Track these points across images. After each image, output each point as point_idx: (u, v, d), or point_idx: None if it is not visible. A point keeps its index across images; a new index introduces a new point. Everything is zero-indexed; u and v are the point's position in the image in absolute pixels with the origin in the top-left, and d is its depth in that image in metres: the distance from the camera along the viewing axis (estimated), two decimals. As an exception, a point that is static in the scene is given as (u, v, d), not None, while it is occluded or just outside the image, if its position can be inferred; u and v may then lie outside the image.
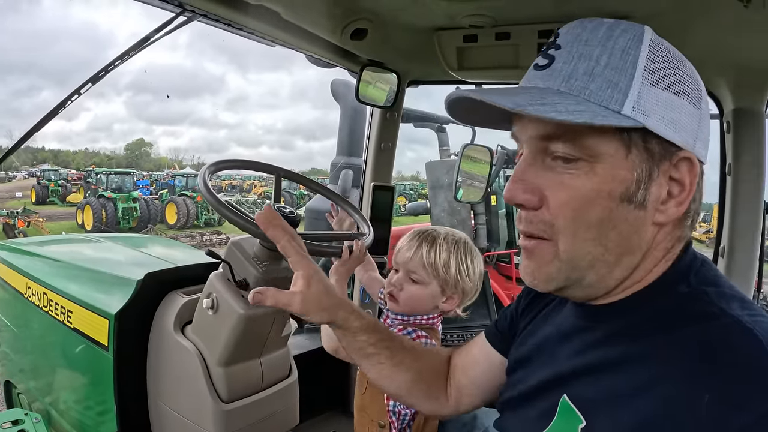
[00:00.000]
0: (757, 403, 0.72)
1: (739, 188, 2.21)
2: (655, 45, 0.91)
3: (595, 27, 0.93)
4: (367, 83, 2.67)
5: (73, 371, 2.51)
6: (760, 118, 2.17)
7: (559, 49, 0.94)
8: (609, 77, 0.89)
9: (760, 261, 2.28)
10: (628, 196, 0.90)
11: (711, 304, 0.86)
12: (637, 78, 0.88)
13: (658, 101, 0.88)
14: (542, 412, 1.01)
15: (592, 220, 0.91)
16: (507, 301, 7.84)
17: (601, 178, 0.89)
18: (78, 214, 28.01)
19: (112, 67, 1.93)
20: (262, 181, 54.87)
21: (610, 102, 0.88)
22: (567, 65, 0.92)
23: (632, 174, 0.89)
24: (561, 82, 0.91)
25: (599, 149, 0.89)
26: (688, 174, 0.91)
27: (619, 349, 0.91)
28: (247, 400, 2.08)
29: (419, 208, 14.26)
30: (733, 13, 1.65)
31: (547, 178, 0.93)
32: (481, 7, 1.98)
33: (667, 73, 0.90)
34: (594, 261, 0.93)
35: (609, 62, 0.89)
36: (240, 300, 1.93)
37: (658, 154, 0.90)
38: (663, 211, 0.92)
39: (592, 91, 0.89)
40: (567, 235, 0.92)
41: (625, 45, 0.90)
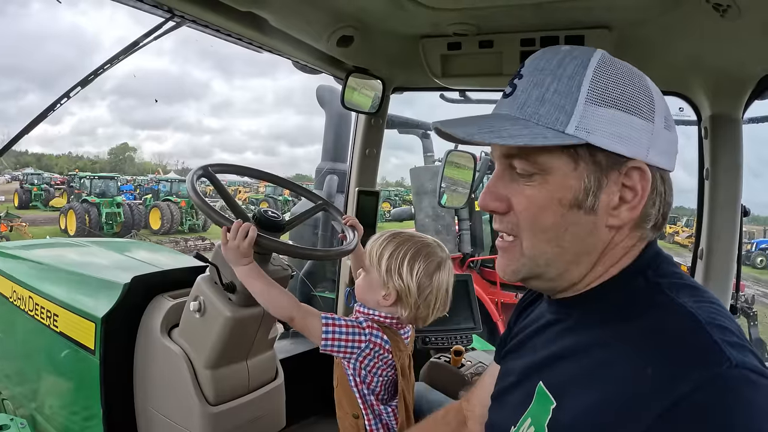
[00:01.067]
0: (695, 373, 0.81)
1: (716, 192, 2.26)
2: (603, 68, 1.00)
3: (552, 56, 1.05)
4: (353, 89, 2.70)
5: (59, 375, 2.49)
6: (737, 124, 2.21)
7: (521, 79, 1.07)
8: (556, 102, 1.00)
9: (738, 263, 2.32)
10: (578, 203, 1.01)
11: (662, 293, 0.98)
12: (581, 100, 0.98)
13: (603, 118, 0.98)
14: (522, 399, 1.11)
15: (546, 224, 1.03)
16: (491, 305, 7.89)
17: (553, 187, 1.02)
18: (61, 218, 27.61)
19: (102, 70, 1.94)
20: (247, 187, 54.68)
21: (556, 123, 0.99)
22: (524, 93, 1.04)
23: (580, 183, 1.00)
24: (517, 108, 1.04)
25: (549, 164, 1.01)
26: (639, 182, 1.01)
27: (582, 337, 1.04)
28: (233, 402, 2.09)
29: (404, 213, 14.26)
30: (711, 22, 1.69)
31: (511, 188, 1.07)
32: (465, 15, 2.01)
33: (613, 93, 0.99)
34: (551, 259, 1.06)
35: (557, 88, 1.01)
36: (227, 303, 1.94)
37: (606, 165, 1.00)
38: (615, 216, 1.02)
39: (541, 115, 1.01)
40: (528, 236, 1.06)
41: (573, 71, 1.00)
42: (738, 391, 0.79)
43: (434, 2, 1.91)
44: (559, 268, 1.07)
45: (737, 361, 0.81)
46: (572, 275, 1.07)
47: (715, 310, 0.92)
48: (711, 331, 0.86)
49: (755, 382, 0.81)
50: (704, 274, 2.30)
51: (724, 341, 0.84)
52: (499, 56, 2.23)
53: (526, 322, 1.33)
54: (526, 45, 2.14)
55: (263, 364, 2.22)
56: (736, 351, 0.83)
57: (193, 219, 30.29)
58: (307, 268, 4.42)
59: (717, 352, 0.83)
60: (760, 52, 1.87)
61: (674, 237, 38.94)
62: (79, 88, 1.96)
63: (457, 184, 3.49)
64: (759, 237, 39.01)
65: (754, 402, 0.79)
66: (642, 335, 0.91)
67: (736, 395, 0.79)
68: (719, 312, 0.92)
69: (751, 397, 0.79)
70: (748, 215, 2.29)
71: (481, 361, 2.64)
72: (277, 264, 2.07)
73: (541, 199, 1.02)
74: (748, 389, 0.80)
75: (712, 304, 0.94)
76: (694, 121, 2.34)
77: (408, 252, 1.89)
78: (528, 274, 1.10)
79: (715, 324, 0.88)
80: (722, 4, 1.56)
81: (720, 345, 0.83)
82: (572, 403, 0.96)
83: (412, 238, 1.94)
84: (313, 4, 1.98)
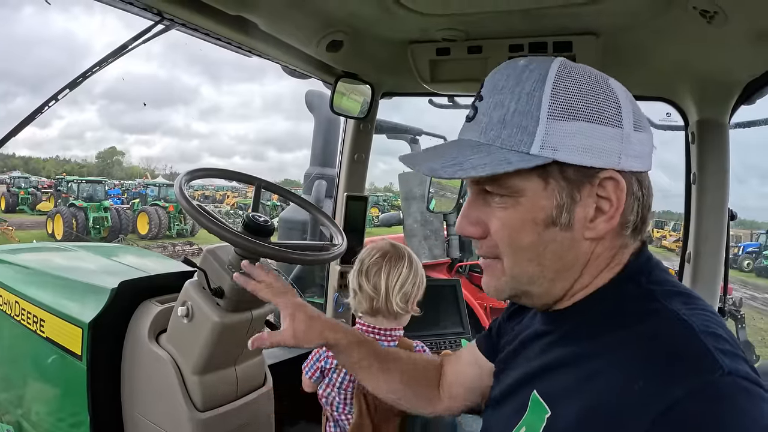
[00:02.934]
0: (687, 381, 0.81)
1: (703, 197, 2.27)
2: (562, 79, 0.97)
3: (510, 72, 1.02)
4: (342, 94, 2.70)
5: (46, 382, 2.47)
6: (723, 129, 2.23)
7: (482, 101, 1.05)
8: (518, 122, 0.98)
9: (726, 266, 2.34)
10: (552, 221, 1.00)
11: (655, 301, 0.97)
12: (542, 117, 0.96)
13: (567, 133, 0.95)
14: (517, 408, 1.10)
15: (524, 244, 1.03)
16: (480, 310, 7.89)
17: (525, 208, 1.01)
18: (48, 223, 27.42)
19: (90, 73, 1.94)
20: (235, 192, 54.63)
21: (520, 145, 0.97)
22: (485, 116, 1.03)
23: (552, 201, 0.99)
24: (479, 134, 1.03)
25: (519, 186, 1.00)
26: (614, 191, 0.99)
27: (575, 346, 1.02)
28: (222, 408, 2.08)
29: (392, 219, 14.28)
30: (698, 28, 1.70)
31: (485, 212, 1.07)
32: (453, 21, 2.02)
33: (575, 105, 0.96)
34: (533, 278, 1.06)
35: (517, 108, 0.98)
36: (215, 308, 1.93)
37: (577, 179, 0.99)
38: (592, 228, 1.01)
39: (503, 138, 0.99)
40: (508, 257, 1.06)
41: (531, 88, 0.97)
42: (730, 399, 0.79)
43: (423, 8, 1.91)
44: (542, 285, 1.07)
45: (730, 369, 0.81)
46: (556, 290, 1.07)
47: (708, 317, 0.92)
48: (704, 339, 0.86)
49: (747, 390, 0.81)
50: (692, 278, 2.32)
51: (717, 349, 0.84)
52: (487, 62, 2.24)
53: (518, 328, 1.33)
54: (514, 51, 2.15)
55: (252, 370, 2.21)
56: (729, 359, 0.83)
57: (182, 224, 30.15)
58: (296, 273, 4.42)
59: (710, 360, 0.82)
60: (747, 58, 1.88)
61: (662, 241, 39.27)
62: (67, 91, 1.95)
63: (445, 190, 3.50)
64: (746, 240, 39.40)
65: (746, 410, 0.79)
66: (635, 343, 0.91)
67: (728, 403, 0.79)
68: (712, 320, 0.92)
69: (743, 405, 0.79)
70: (735, 219, 2.31)
71: (471, 366, 2.64)
72: (266, 269, 2.06)
73: (515, 220, 1.02)
74: (740, 397, 0.80)
75: (705, 312, 0.94)
76: (681, 126, 2.36)
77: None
78: (512, 293, 1.11)
79: (709, 332, 0.88)
80: (709, 11, 1.57)
81: (713, 353, 0.83)
82: (567, 411, 0.95)
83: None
84: (303, 8, 1.98)
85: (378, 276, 2.06)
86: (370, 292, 2.07)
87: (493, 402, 1.29)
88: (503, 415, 1.17)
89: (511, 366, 1.26)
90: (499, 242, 1.05)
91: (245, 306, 1.99)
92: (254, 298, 1.93)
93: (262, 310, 2.07)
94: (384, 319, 2.10)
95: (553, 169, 0.98)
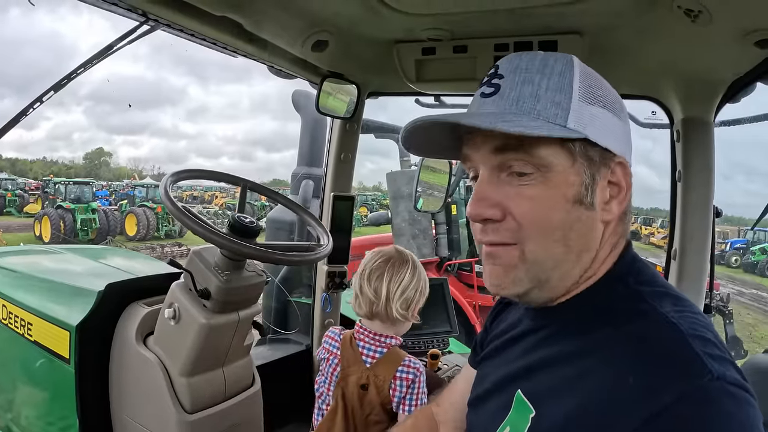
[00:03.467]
0: (676, 385, 0.81)
1: (689, 194, 2.29)
2: (583, 69, 1.03)
3: (530, 58, 1.03)
4: (328, 94, 2.69)
5: (34, 385, 2.46)
6: (708, 127, 2.24)
7: (503, 78, 1.04)
8: (551, 97, 0.99)
9: (712, 263, 2.35)
10: (579, 199, 1.00)
11: (644, 302, 0.96)
12: (575, 97, 0.99)
13: (593, 115, 0.99)
14: (500, 407, 1.09)
15: (554, 223, 0.99)
16: (468, 308, 7.95)
17: (555, 184, 0.99)
18: (36, 225, 27.19)
19: (75, 75, 1.92)
20: (223, 192, 54.46)
21: (556, 118, 0.98)
22: (513, 91, 1.01)
23: (580, 179, 0.99)
24: (511, 104, 1.00)
25: (549, 159, 0.98)
26: (623, 177, 1.04)
27: (561, 346, 1.02)
28: (210, 410, 2.08)
29: (381, 218, 14.33)
30: (683, 28, 1.71)
31: (505, 192, 1.01)
32: (439, 20, 2.02)
33: (597, 92, 1.02)
34: (558, 261, 1.02)
35: (549, 85, 1.00)
36: (202, 309, 1.93)
37: (598, 160, 1.01)
38: (608, 211, 1.03)
39: (539, 110, 0.98)
40: (534, 239, 1.00)
41: (561, 69, 1.01)
42: (718, 404, 0.80)
43: (408, 7, 1.91)
44: (564, 270, 1.03)
45: (718, 373, 0.81)
46: (570, 279, 1.04)
47: (697, 320, 0.92)
48: (693, 343, 0.86)
49: (735, 395, 0.81)
50: (678, 274, 2.33)
51: (705, 353, 0.84)
52: (473, 61, 2.24)
53: (503, 327, 1.32)
54: (499, 50, 2.15)
55: (240, 371, 2.20)
56: (718, 363, 0.83)
57: (170, 225, 29.95)
58: (283, 273, 4.41)
59: (698, 364, 0.83)
60: (731, 57, 1.89)
61: (650, 238, 39.52)
62: (52, 93, 1.94)
63: (433, 188, 3.50)
64: (734, 237, 39.68)
65: (734, 415, 0.79)
66: (624, 344, 0.90)
67: (716, 408, 0.79)
68: (701, 323, 0.92)
69: (731, 409, 0.79)
70: (721, 216, 2.33)
71: (458, 365, 2.66)
72: (252, 270, 2.06)
73: (546, 197, 0.99)
74: (728, 402, 0.80)
75: (693, 315, 0.94)
76: (667, 124, 2.37)
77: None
78: (531, 284, 1.04)
79: (697, 335, 0.88)
80: (693, 10, 1.58)
81: (701, 357, 0.83)
82: (552, 412, 0.95)
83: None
84: (288, 8, 1.97)
85: (380, 281, 2.05)
86: (370, 296, 2.05)
87: (476, 401, 1.28)
88: (486, 415, 1.17)
89: (494, 365, 1.25)
90: (526, 223, 1.00)
91: (232, 307, 1.99)
92: (241, 298, 1.93)
93: (249, 311, 2.07)
94: (381, 324, 2.09)
95: (580, 147, 0.99)
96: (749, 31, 1.64)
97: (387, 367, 2.04)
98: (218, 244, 1.81)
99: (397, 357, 2.08)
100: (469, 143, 1.07)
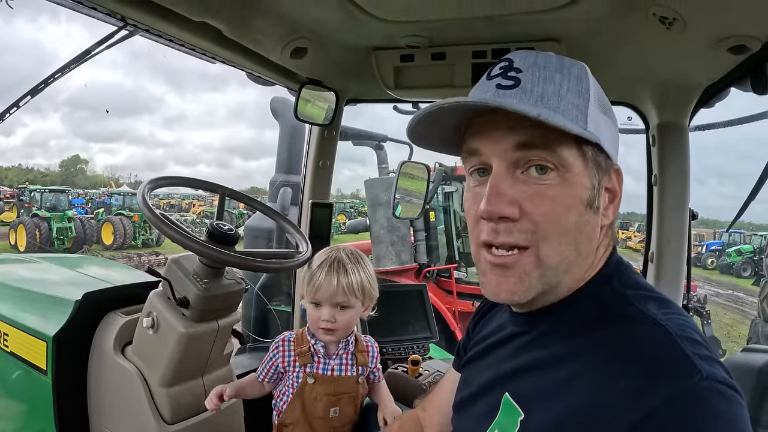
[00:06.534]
0: (666, 386, 0.82)
1: (665, 198, 2.32)
2: (592, 76, 1.04)
3: (546, 56, 1.04)
4: (306, 101, 2.68)
5: (11, 398, 2.40)
6: (683, 131, 2.28)
7: (521, 72, 1.01)
8: (572, 100, 0.99)
9: (688, 265, 2.38)
10: (590, 202, 1.01)
11: (630, 305, 0.98)
12: (592, 102, 1.00)
13: (602, 122, 1.02)
14: (487, 410, 1.10)
15: (570, 225, 0.99)
16: (448, 314, 7.97)
17: (573, 186, 0.99)
18: (11, 233, 26.75)
19: (52, 80, 1.91)
20: (201, 200, 54.11)
21: (577, 120, 0.98)
22: (536, 86, 0.99)
23: (591, 182, 1.01)
24: (535, 100, 0.98)
25: (569, 160, 0.98)
26: (618, 183, 1.07)
27: (549, 349, 1.02)
28: (191, 420, 2.06)
29: (359, 225, 14.28)
30: (658, 35, 1.74)
31: (522, 190, 0.98)
32: (417, 27, 2.03)
33: (604, 101, 1.04)
34: (570, 264, 1.02)
35: (569, 87, 1.00)
36: (181, 318, 1.92)
37: (603, 166, 1.03)
38: (607, 216, 1.06)
39: (563, 109, 0.98)
40: (551, 241, 0.98)
41: (578, 74, 1.02)
42: (708, 403, 0.81)
43: (387, 14, 1.92)
44: (573, 273, 1.03)
45: (707, 373, 0.82)
46: (574, 282, 1.04)
47: (683, 322, 0.94)
48: (682, 344, 0.87)
49: (724, 394, 0.82)
50: (655, 277, 2.36)
51: (694, 354, 0.85)
52: (451, 68, 2.24)
53: (487, 331, 1.32)
54: (477, 57, 2.16)
55: (220, 381, 2.18)
56: (706, 363, 0.84)
57: (147, 233, 29.57)
58: (262, 281, 4.39)
59: (688, 365, 0.84)
60: (705, 63, 1.92)
61: (627, 242, 39.84)
62: (29, 98, 1.92)
63: (411, 195, 3.50)
64: (709, 239, 40.21)
65: (724, 414, 0.80)
66: (612, 347, 0.91)
67: (706, 407, 0.80)
68: (688, 324, 0.94)
69: (721, 409, 0.81)
70: (696, 218, 2.36)
71: (439, 370, 2.65)
72: (231, 278, 2.04)
73: (565, 197, 0.97)
74: (718, 401, 0.81)
75: (680, 316, 0.95)
76: (642, 129, 2.40)
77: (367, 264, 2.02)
78: (543, 288, 1.01)
79: (685, 336, 0.89)
80: (669, 17, 1.61)
81: (691, 357, 0.85)
82: (541, 415, 0.96)
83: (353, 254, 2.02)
84: (268, 15, 1.97)
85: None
86: None
87: (461, 405, 1.28)
88: (472, 418, 1.17)
89: (479, 368, 1.25)
90: (544, 224, 0.97)
91: (211, 315, 1.98)
92: (220, 307, 1.91)
93: (229, 319, 2.06)
94: None
95: (591, 152, 1.00)
96: (723, 37, 1.67)
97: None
98: (197, 252, 1.80)
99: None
100: (484, 136, 1.02)
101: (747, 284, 28.72)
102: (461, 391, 1.31)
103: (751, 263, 32.22)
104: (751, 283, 28.12)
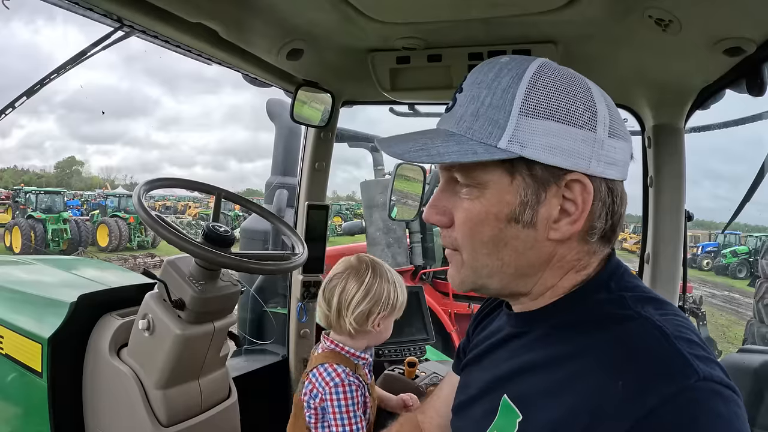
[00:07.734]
0: (664, 387, 0.82)
1: (660, 199, 2.32)
2: (539, 79, 0.99)
3: (490, 68, 1.03)
4: (302, 103, 2.68)
5: (6, 400, 2.39)
6: (679, 133, 2.28)
7: (461, 92, 1.06)
8: (490, 116, 0.99)
9: (684, 266, 2.38)
10: (515, 217, 1.01)
11: (627, 307, 0.97)
12: (514, 113, 0.97)
13: (537, 131, 0.97)
14: (486, 412, 1.10)
15: (484, 237, 1.03)
16: (444, 316, 7.97)
17: (489, 201, 1.02)
18: (6, 235, 26.63)
19: (48, 80, 1.90)
20: (197, 203, 54.01)
21: (489, 138, 0.99)
22: (461, 108, 1.04)
23: (516, 198, 1.00)
24: (454, 123, 1.04)
25: (484, 178, 1.01)
26: (580, 194, 0.99)
27: (547, 350, 1.03)
28: (186, 423, 2.05)
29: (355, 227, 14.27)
30: (653, 37, 1.74)
31: (452, 201, 1.08)
32: (413, 29, 2.03)
33: (548, 104, 0.97)
34: (493, 272, 1.06)
35: (491, 102, 1.00)
36: (176, 320, 1.91)
37: (543, 178, 0.99)
38: (556, 229, 1.01)
39: (475, 130, 1.00)
40: (466, 249, 1.07)
41: (507, 84, 0.99)
42: (706, 404, 0.81)
43: (383, 16, 1.92)
44: (502, 281, 1.07)
45: (705, 374, 0.83)
46: (517, 287, 1.08)
47: (680, 323, 0.94)
48: (679, 345, 0.87)
49: (722, 394, 0.83)
50: (651, 278, 2.36)
51: (692, 354, 0.86)
52: (447, 70, 2.25)
53: (485, 333, 1.32)
54: (473, 59, 2.16)
55: (216, 383, 2.18)
56: (704, 364, 0.85)
57: (142, 235, 29.50)
58: (258, 283, 4.38)
59: (686, 366, 0.84)
60: (701, 65, 1.92)
61: (622, 244, 39.89)
62: (24, 98, 1.91)
63: (407, 197, 3.51)
64: (705, 240, 40.31)
65: (722, 414, 0.81)
66: (610, 348, 0.92)
67: (704, 408, 0.81)
68: (685, 325, 0.94)
69: (719, 409, 0.81)
70: (692, 220, 2.37)
71: (436, 372, 2.65)
72: (227, 280, 2.04)
73: (477, 213, 1.02)
74: (716, 402, 0.82)
75: (677, 317, 0.96)
76: (638, 131, 2.40)
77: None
78: (473, 285, 1.11)
79: (683, 337, 0.89)
80: (664, 19, 1.61)
81: (688, 358, 0.85)
82: (539, 416, 0.96)
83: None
84: (263, 16, 1.97)
85: (332, 292, 1.98)
86: (324, 308, 2.01)
87: (460, 407, 1.28)
88: (471, 421, 1.17)
89: (478, 370, 1.26)
90: (459, 233, 1.06)
91: (207, 317, 1.97)
92: (216, 309, 1.91)
93: (225, 321, 2.05)
94: (339, 336, 2.02)
95: (521, 166, 0.98)
96: (718, 39, 1.67)
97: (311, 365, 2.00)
98: (193, 254, 1.79)
99: (322, 359, 1.99)
100: None
101: (742, 285, 28.79)
102: (460, 393, 1.32)
103: (746, 264, 32.25)
104: (746, 284, 28.15)
